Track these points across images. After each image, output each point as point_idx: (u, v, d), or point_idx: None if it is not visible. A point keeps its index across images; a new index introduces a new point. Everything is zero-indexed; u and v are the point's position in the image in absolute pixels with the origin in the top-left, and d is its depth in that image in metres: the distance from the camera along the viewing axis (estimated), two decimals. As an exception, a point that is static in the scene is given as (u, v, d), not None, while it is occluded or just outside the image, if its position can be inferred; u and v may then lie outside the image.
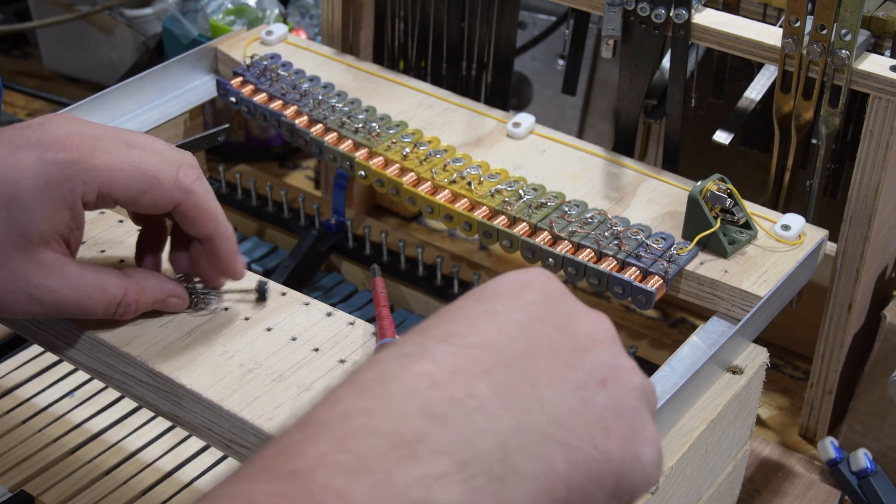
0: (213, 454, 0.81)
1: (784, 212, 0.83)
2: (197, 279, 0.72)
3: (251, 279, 0.73)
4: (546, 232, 0.79)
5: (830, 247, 0.86)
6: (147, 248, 0.72)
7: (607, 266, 0.77)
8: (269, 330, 0.70)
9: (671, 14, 0.87)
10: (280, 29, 1.02)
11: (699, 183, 0.78)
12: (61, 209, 0.63)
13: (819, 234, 0.81)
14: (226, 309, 0.71)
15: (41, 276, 0.63)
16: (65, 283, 0.64)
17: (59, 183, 0.62)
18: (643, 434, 0.45)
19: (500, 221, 0.81)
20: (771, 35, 0.85)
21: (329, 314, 0.71)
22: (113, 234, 0.77)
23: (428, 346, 0.43)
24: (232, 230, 0.69)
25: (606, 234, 0.78)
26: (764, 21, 0.91)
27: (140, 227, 0.72)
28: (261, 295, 0.72)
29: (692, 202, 0.78)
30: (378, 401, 0.40)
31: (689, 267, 0.77)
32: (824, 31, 0.81)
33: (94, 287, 0.65)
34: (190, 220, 0.67)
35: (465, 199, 0.83)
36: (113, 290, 0.66)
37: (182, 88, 0.98)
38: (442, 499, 0.38)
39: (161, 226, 0.71)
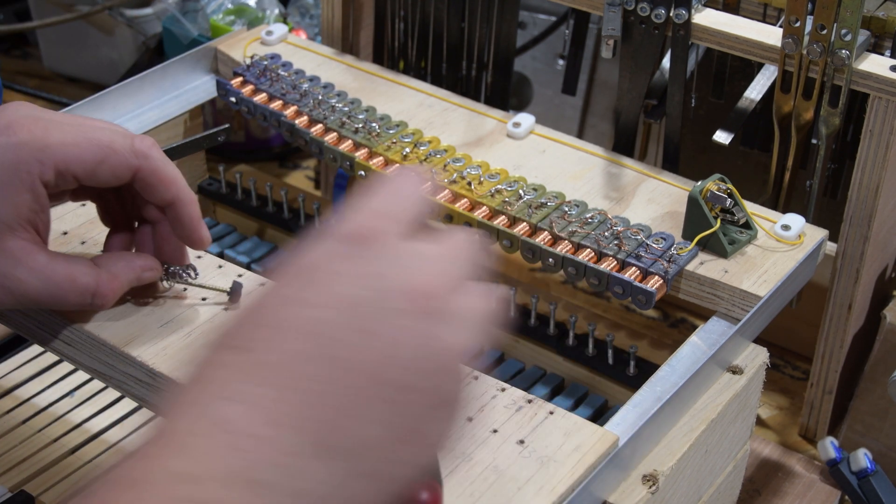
0: (213, 454, 0.81)
1: (784, 212, 0.83)
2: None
3: (228, 278, 0.72)
4: (546, 232, 0.79)
5: (830, 247, 0.86)
6: (114, 228, 0.71)
7: (607, 266, 0.77)
8: (269, 330, 0.69)
9: (671, 14, 0.87)
10: (280, 29, 1.02)
11: (699, 183, 0.78)
12: (21, 192, 0.62)
13: (819, 234, 0.81)
14: (225, 309, 0.71)
15: (9, 265, 0.63)
16: (33, 274, 0.63)
17: (14, 165, 0.62)
18: (440, 414, 0.44)
19: (500, 221, 0.81)
20: (771, 35, 0.85)
21: (329, 314, 0.71)
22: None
23: (246, 391, 0.41)
24: (194, 196, 0.68)
25: (606, 234, 0.78)
26: (764, 21, 0.91)
27: (101, 210, 0.71)
28: (232, 296, 0.71)
29: (692, 202, 0.78)
30: (200, 466, 0.39)
31: (689, 267, 0.77)
32: (824, 31, 0.81)
33: (64, 277, 0.64)
34: (150, 186, 0.66)
35: (465, 199, 0.83)
36: (83, 279, 0.65)
37: (182, 88, 0.98)
38: None
39: (123, 202, 0.71)
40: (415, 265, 0.45)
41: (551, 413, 0.64)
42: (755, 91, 0.93)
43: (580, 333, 0.87)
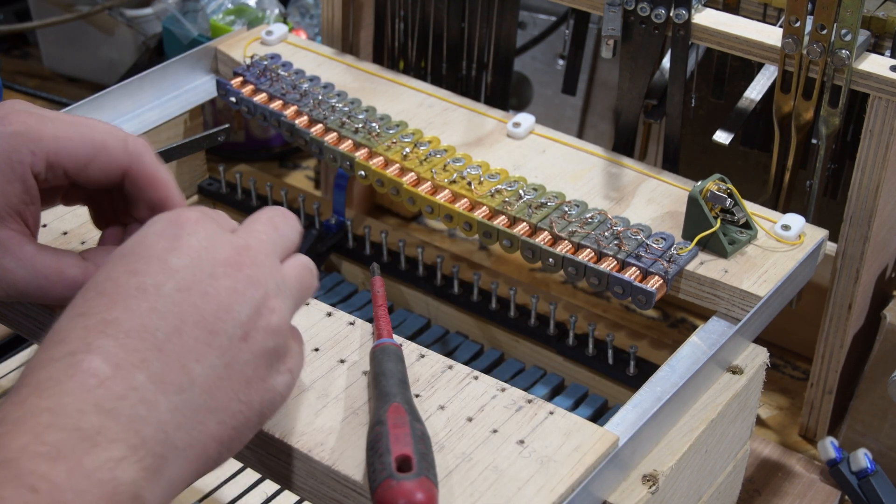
0: (213, 454, 0.81)
1: (784, 212, 0.83)
2: None
3: None
4: (546, 232, 0.79)
5: (830, 247, 0.86)
6: (106, 227, 0.71)
7: (607, 266, 0.77)
8: (268, 330, 0.69)
9: (671, 14, 0.87)
10: (280, 29, 1.02)
11: (699, 183, 0.78)
12: (12, 181, 0.62)
13: (819, 234, 0.81)
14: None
15: None
16: (21, 264, 0.63)
17: (6, 154, 0.62)
18: (280, 366, 0.55)
19: (500, 221, 0.81)
20: (771, 35, 0.85)
21: (329, 314, 0.71)
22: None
23: (92, 340, 0.49)
24: (184, 199, 0.68)
25: (606, 234, 0.78)
26: (764, 21, 0.91)
27: (94, 213, 0.71)
28: None
29: (692, 202, 0.78)
30: (57, 400, 0.47)
31: (689, 267, 0.77)
32: (824, 31, 0.81)
33: (52, 269, 0.64)
34: (141, 187, 0.66)
35: (465, 199, 0.83)
36: (71, 272, 0.64)
37: (182, 88, 0.98)
38: (123, 477, 0.46)
39: (115, 206, 0.70)
40: (232, 242, 0.55)
41: (551, 413, 0.64)
42: (755, 91, 0.93)
43: (580, 333, 0.87)
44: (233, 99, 0.94)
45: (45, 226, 0.77)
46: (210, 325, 0.52)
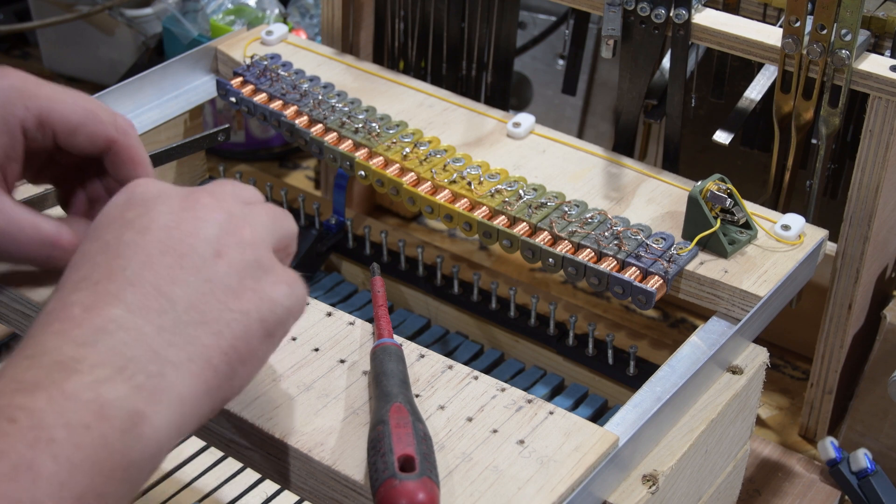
0: (213, 454, 0.81)
1: (784, 212, 0.83)
2: None
3: None
4: (546, 232, 0.79)
5: (830, 247, 0.86)
6: (74, 214, 0.72)
7: (607, 266, 0.77)
8: (269, 330, 0.69)
9: (671, 14, 0.87)
10: (280, 29, 1.02)
11: (699, 183, 0.78)
12: (1, 133, 0.63)
13: (819, 234, 0.81)
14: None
15: None
16: None
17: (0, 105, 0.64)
18: (271, 278, 0.55)
19: (500, 221, 0.81)
20: (771, 35, 0.85)
21: (329, 314, 0.71)
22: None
23: (64, 296, 0.52)
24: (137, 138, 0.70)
25: (606, 234, 0.78)
26: (764, 21, 0.91)
27: (62, 195, 0.72)
28: None
29: (692, 202, 0.78)
30: (35, 349, 0.49)
31: (689, 267, 0.77)
32: (824, 31, 0.81)
33: (28, 223, 0.65)
34: (121, 162, 0.67)
35: (465, 199, 0.83)
36: (47, 227, 0.65)
37: (182, 88, 0.98)
38: (109, 394, 0.47)
39: (85, 186, 0.71)
40: (196, 194, 0.56)
41: (551, 413, 0.64)
42: (755, 91, 0.93)
43: (580, 333, 0.87)
44: (233, 99, 0.94)
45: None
46: (178, 250, 0.53)
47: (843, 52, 0.81)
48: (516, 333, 0.91)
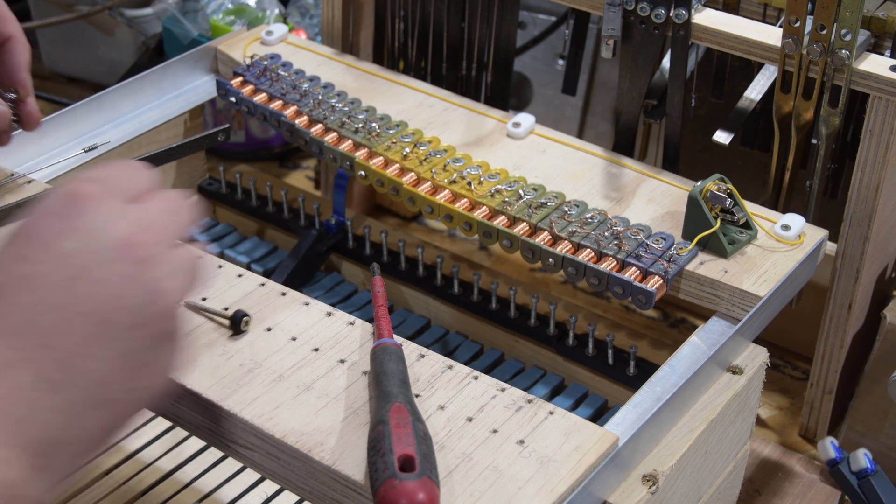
0: (214, 454, 0.81)
1: (784, 212, 0.83)
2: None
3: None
4: (546, 232, 0.79)
5: (830, 247, 0.86)
6: None
7: (607, 266, 0.77)
8: (269, 330, 0.70)
9: (671, 14, 0.87)
10: (280, 29, 1.02)
11: (699, 183, 0.78)
12: None
13: (819, 234, 0.81)
14: (226, 308, 0.71)
15: None
16: None
17: None
18: (173, 345, 0.52)
19: (500, 221, 0.81)
20: (771, 35, 0.85)
21: (329, 314, 0.71)
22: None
23: None
24: (28, 44, 0.73)
25: (606, 234, 0.78)
26: (764, 21, 0.91)
27: None
28: (234, 326, 0.69)
29: (692, 202, 0.78)
30: None
31: (689, 267, 0.77)
32: (824, 31, 0.81)
33: None
34: (9, 63, 0.71)
35: (465, 199, 0.83)
36: None
37: (182, 88, 0.98)
38: (9, 475, 0.45)
39: None
40: (128, 220, 0.51)
41: (551, 413, 0.64)
42: (755, 91, 0.93)
43: (580, 333, 0.87)
44: (233, 99, 0.94)
45: None
46: (101, 316, 0.49)
47: (843, 52, 0.81)
48: (516, 333, 0.91)
